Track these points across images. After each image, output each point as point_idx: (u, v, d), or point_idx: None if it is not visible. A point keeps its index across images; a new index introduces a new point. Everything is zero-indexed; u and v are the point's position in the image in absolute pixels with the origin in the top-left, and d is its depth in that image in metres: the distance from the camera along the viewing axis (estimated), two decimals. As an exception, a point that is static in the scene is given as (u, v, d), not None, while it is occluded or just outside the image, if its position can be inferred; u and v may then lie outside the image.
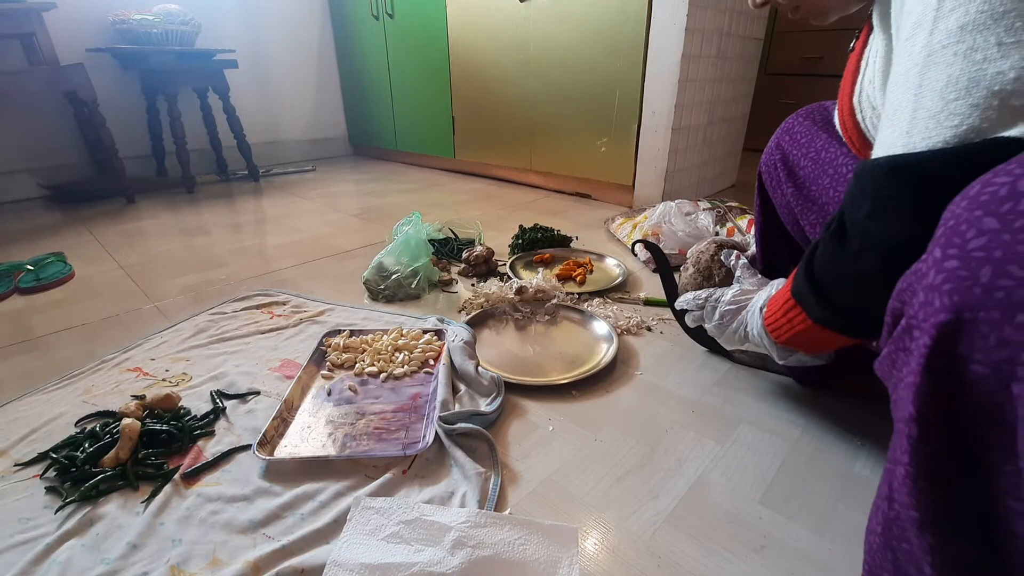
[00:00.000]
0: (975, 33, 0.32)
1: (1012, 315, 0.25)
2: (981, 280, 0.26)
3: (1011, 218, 0.26)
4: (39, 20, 1.79)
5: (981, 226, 0.27)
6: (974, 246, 0.27)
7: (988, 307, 0.26)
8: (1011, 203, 0.26)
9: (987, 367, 0.26)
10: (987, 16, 0.32)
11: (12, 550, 0.52)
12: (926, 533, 0.31)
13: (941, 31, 0.34)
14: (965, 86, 0.33)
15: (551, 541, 0.50)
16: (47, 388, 0.78)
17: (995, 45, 0.32)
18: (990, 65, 0.32)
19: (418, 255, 1.10)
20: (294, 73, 2.70)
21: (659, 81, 1.58)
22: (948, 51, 0.34)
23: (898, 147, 0.37)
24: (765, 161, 0.77)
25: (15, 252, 1.38)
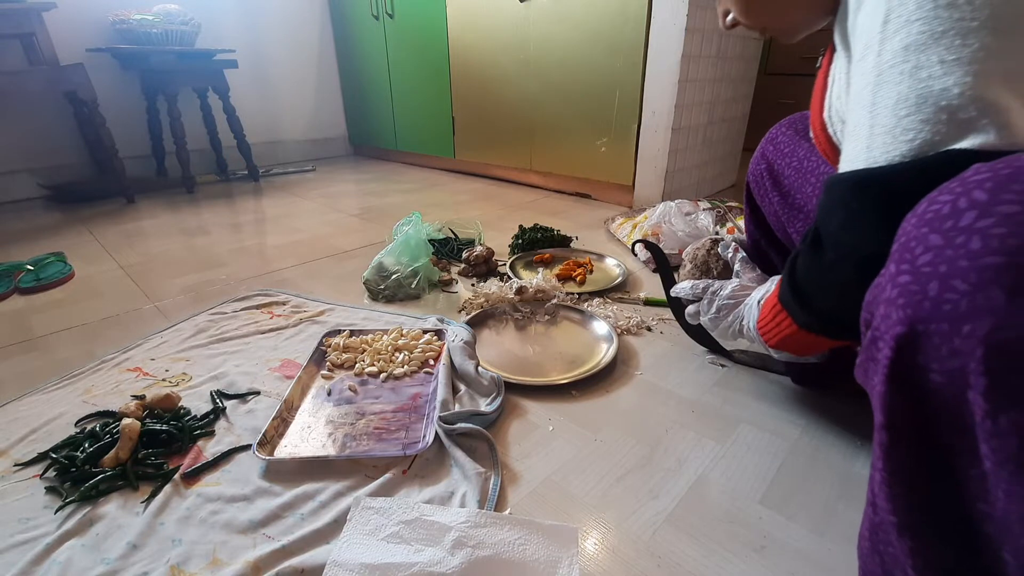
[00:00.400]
0: (918, 52, 0.34)
1: (959, 327, 0.26)
2: (930, 294, 0.28)
3: (953, 235, 0.27)
4: (39, 20, 1.79)
5: (927, 243, 0.28)
6: (922, 262, 0.28)
7: (938, 319, 0.27)
8: (952, 220, 0.28)
9: (943, 376, 0.28)
10: (927, 36, 0.33)
11: (12, 550, 0.52)
12: (905, 537, 0.32)
13: (887, 51, 0.36)
14: (915, 103, 0.34)
15: (551, 541, 0.50)
16: (47, 388, 0.78)
17: (938, 63, 0.33)
18: (935, 82, 0.33)
19: (418, 255, 1.10)
20: (294, 73, 2.70)
21: (659, 81, 1.58)
22: (895, 70, 0.35)
23: (860, 162, 0.38)
24: (752, 171, 0.79)
25: (15, 252, 1.38)
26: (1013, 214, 0.26)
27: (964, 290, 0.26)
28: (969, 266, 0.26)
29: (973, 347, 0.26)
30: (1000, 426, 0.26)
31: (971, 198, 0.27)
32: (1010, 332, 0.25)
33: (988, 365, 0.25)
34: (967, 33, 0.32)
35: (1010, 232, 0.25)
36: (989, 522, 0.28)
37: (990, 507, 0.28)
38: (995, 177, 0.27)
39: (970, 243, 0.27)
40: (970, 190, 0.28)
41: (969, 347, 0.26)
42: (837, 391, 0.75)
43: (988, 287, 0.25)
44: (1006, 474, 0.26)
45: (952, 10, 0.32)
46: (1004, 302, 0.25)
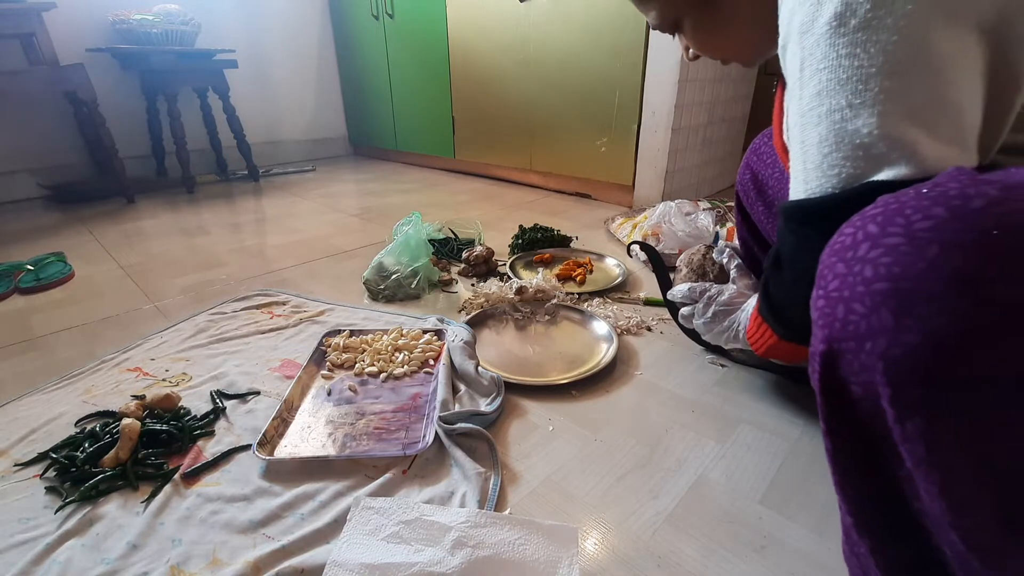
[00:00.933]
0: (829, 97, 0.37)
1: (862, 344, 0.30)
2: (838, 316, 0.31)
3: (852, 263, 0.31)
4: (39, 20, 1.79)
5: (835, 271, 0.32)
6: (832, 287, 0.32)
7: (846, 339, 0.31)
8: (852, 251, 0.31)
9: (860, 387, 0.31)
10: (835, 83, 0.37)
11: (12, 550, 0.52)
12: (863, 537, 0.34)
13: (806, 96, 0.39)
14: (834, 142, 0.38)
15: (551, 541, 0.50)
16: (47, 388, 0.78)
17: (847, 106, 0.36)
18: (848, 123, 0.36)
19: (418, 255, 1.10)
20: (294, 73, 2.70)
21: (659, 81, 1.58)
22: (813, 113, 0.39)
23: (800, 193, 0.42)
24: (739, 180, 0.81)
25: (15, 252, 1.38)
26: (896, 245, 0.29)
27: (863, 312, 0.30)
28: (864, 291, 0.30)
29: (875, 362, 0.29)
30: (908, 432, 0.29)
31: (866, 231, 0.31)
32: (899, 348, 0.28)
33: (888, 377, 0.28)
34: (867, 79, 0.35)
35: (894, 261, 0.29)
36: (925, 518, 0.31)
37: (921, 504, 0.31)
38: (884, 212, 0.31)
39: (864, 271, 0.30)
40: (866, 224, 0.31)
41: (872, 362, 0.29)
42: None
43: (879, 309, 0.29)
44: (922, 475, 0.29)
45: (852, 59, 0.35)
46: (892, 323, 0.28)
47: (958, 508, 0.29)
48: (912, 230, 0.29)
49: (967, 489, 0.28)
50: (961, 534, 0.29)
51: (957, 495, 0.28)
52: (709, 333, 0.71)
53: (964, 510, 0.29)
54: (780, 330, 0.53)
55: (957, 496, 0.28)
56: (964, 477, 0.28)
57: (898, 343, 0.28)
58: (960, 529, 0.29)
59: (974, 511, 0.29)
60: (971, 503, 0.28)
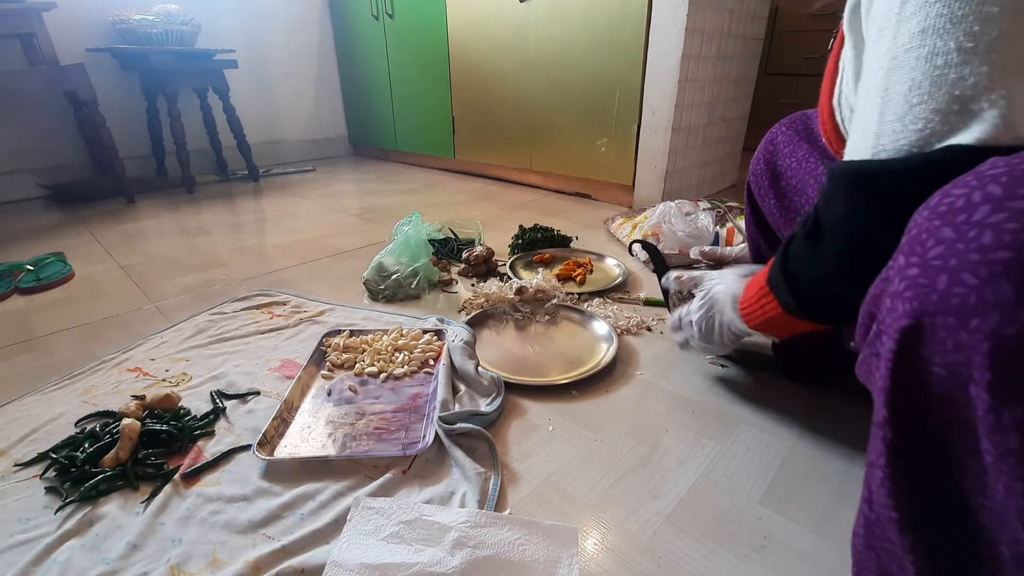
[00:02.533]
0: (935, 37, 0.33)
1: (966, 321, 0.26)
2: (938, 287, 0.27)
3: (965, 228, 0.27)
4: (39, 20, 1.79)
5: (939, 235, 0.28)
6: (932, 255, 0.28)
7: (945, 313, 0.27)
8: (966, 214, 0.27)
9: (945, 369, 0.27)
10: (946, 20, 0.32)
11: (12, 550, 0.52)
12: (906, 533, 0.31)
13: (904, 34, 0.35)
14: (928, 90, 0.33)
15: (551, 541, 0.50)
16: (47, 388, 0.78)
17: (955, 50, 0.32)
18: (951, 70, 0.32)
19: (418, 255, 1.10)
20: (294, 73, 2.70)
21: (659, 81, 1.58)
22: (911, 55, 0.34)
23: (868, 149, 0.37)
24: (752, 171, 0.79)
25: (15, 252, 1.38)
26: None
27: (974, 284, 0.26)
28: (980, 260, 0.26)
29: (979, 342, 0.25)
30: (1003, 421, 0.26)
31: (985, 192, 0.27)
32: (1014, 328, 0.24)
33: (993, 360, 0.25)
34: (987, 19, 0.31)
35: (1022, 227, 0.25)
36: (988, 516, 0.29)
37: (989, 501, 0.28)
38: (1011, 172, 0.27)
39: (982, 237, 0.26)
40: (985, 184, 0.27)
41: (975, 342, 0.26)
42: (836, 389, 0.75)
43: (997, 281, 0.25)
44: (1007, 468, 0.26)
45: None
46: (1013, 297, 0.24)
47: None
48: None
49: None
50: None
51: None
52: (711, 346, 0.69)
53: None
54: (789, 302, 0.50)
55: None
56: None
57: (1013, 320, 0.24)
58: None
59: None
60: None
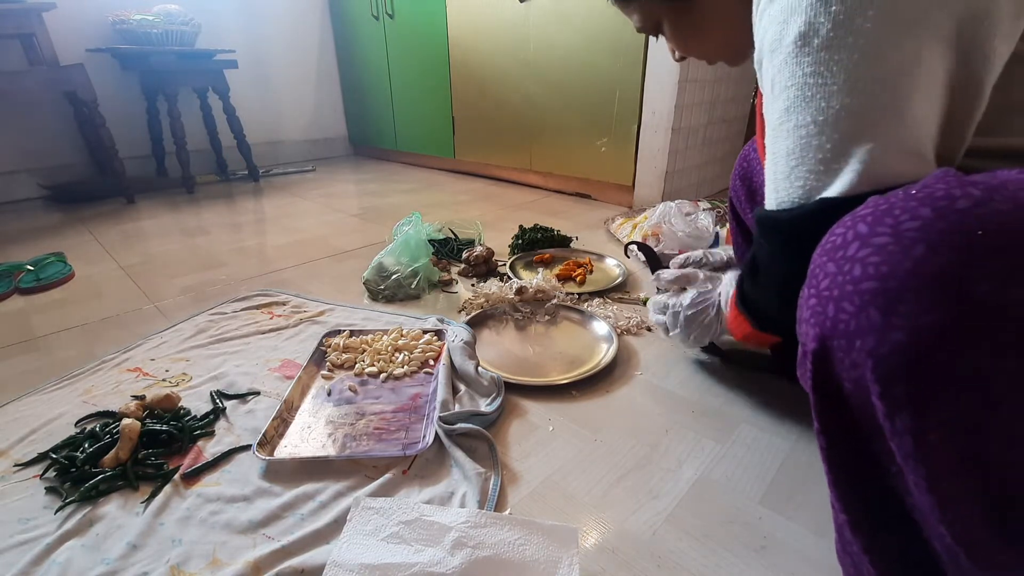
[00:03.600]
0: (796, 113, 0.39)
1: (853, 342, 0.30)
2: (829, 314, 0.32)
3: (842, 263, 0.31)
4: (39, 20, 1.79)
5: (826, 270, 0.33)
6: (823, 286, 0.33)
7: (837, 336, 0.31)
8: (842, 251, 0.32)
9: (851, 383, 0.31)
10: (800, 100, 0.38)
11: (12, 550, 0.52)
12: (857, 535, 0.35)
13: (776, 111, 0.41)
14: (799, 155, 0.39)
15: (551, 541, 0.50)
16: (47, 388, 0.78)
17: (812, 123, 0.38)
18: (812, 139, 0.38)
19: (418, 255, 1.10)
20: (294, 73, 2.70)
21: (659, 81, 1.58)
22: (783, 128, 0.40)
23: (772, 203, 0.43)
24: (732, 187, 0.83)
25: (15, 252, 1.38)
26: (884, 244, 0.29)
27: (852, 311, 0.30)
28: (853, 290, 0.30)
29: (864, 359, 0.30)
30: (897, 427, 0.29)
31: (856, 231, 0.31)
32: (887, 346, 0.28)
33: (877, 374, 0.29)
34: (830, 96, 0.37)
35: (882, 260, 0.29)
36: (917, 513, 0.32)
37: (911, 498, 0.31)
38: (875, 212, 0.31)
39: (854, 270, 0.30)
40: (856, 223, 0.32)
41: (862, 359, 0.30)
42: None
43: (868, 308, 0.29)
44: (910, 469, 0.30)
45: (816, 77, 0.37)
46: (880, 321, 0.29)
47: (945, 502, 0.29)
48: (900, 230, 0.29)
49: (954, 483, 0.29)
50: (948, 528, 0.30)
51: (944, 489, 0.29)
52: (689, 339, 0.73)
53: (951, 504, 0.29)
54: (755, 323, 0.56)
55: (944, 490, 0.29)
56: (951, 471, 0.29)
57: (885, 341, 0.29)
58: (947, 523, 0.30)
59: (961, 505, 0.29)
60: (958, 497, 0.29)
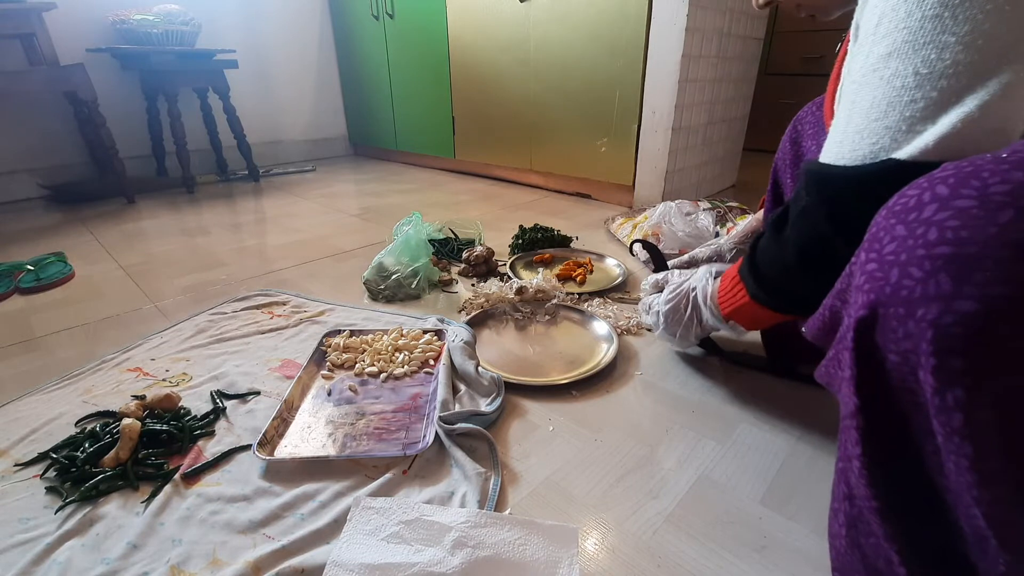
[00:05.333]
0: (898, 61, 0.36)
1: (913, 311, 0.28)
2: (891, 280, 0.30)
3: (915, 226, 0.29)
4: (39, 20, 1.79)
5: (894, 233, 0.31)
6: (887, 251, 0.31)
7: (896, 303, 0.29)
8: (916, 212, 0.30)
9: (899, 356, 0.30)
10: (909, 46, 0.35)
11: (12, 550, 0.52)
12: (888, 521, 0.33)
13: (874, 55, 0.38)
14: (885, 109, 0.37)
15: (551, 541, 0.50)
16: (47, 388, 0.78)
17: (912, 74, 0.35)
18: (906, 93, 0.35)
19: (418, 255, 1.10)
20: (294, 73, 2.70)
21: (659, 81, 1.58)
22: (876, 75, 0.37)
23: (831, 155, 0.41)
24: (781, 147, 0.80)
25: (15, 252, 1.38)
26: (967, 208, 0.27)
27: (919, 277, 0.28)
28: (925, 255, 0.28)
29: (924, 330, 0.28)
30: (947, 402, 0.28)
31: (934, 192, 0.29)
32: (951, 316, 0.27)
33: (936, 347, 0.27)
34: (943, 48, 0.33)
35: (962, 224, 0.27)
36: (949, 496, 0.30)
37: (946, 479, 0.30)
38: (957, 174, 0.29)
39: (928, 234, 0.28)
40: (935, 185, 0.30)
41: (920, 330, 0.28)
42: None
43: (939, 275, 0.27)
44: (953, 447, 0.28)
45: (936, 22, 0.33)
46: (950, 290, 0.27)
47: (985, 482, 0.28)
48: (987, 193, 0.27)
49: (997, 464, 0.28)
50: (984, 508, 0.29)
51: (986, 469, 0.28)
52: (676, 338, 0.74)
53: (991, 484, 0.28)
54: (753, 290, 0.54)
55: (986, 470, 0.28)
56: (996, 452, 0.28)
57: (951, 310, 0.27)
58: (984, 503, 0.28)
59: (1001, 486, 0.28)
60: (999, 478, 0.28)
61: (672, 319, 0.72)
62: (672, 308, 0.72)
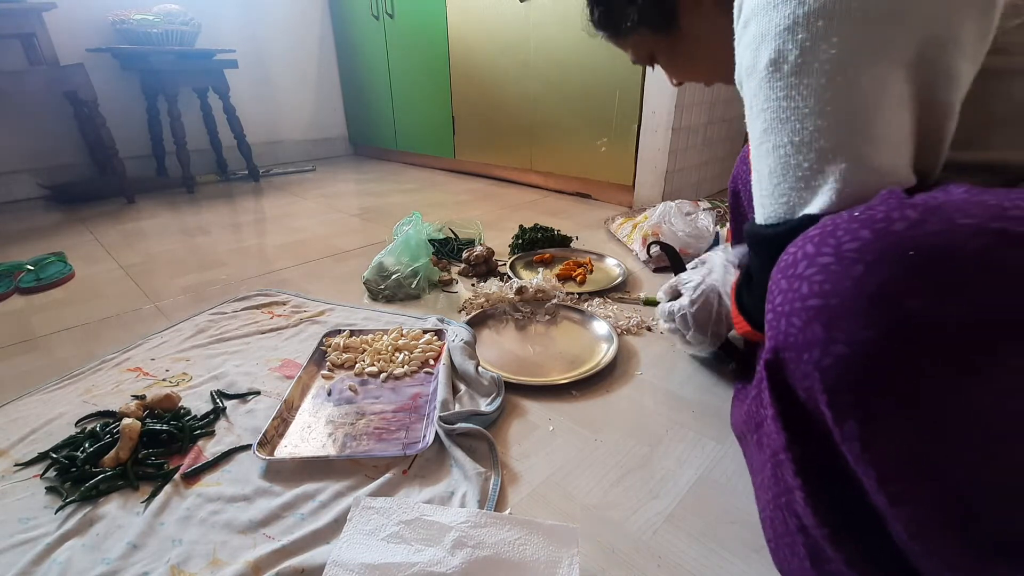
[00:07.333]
0: (773, 135, 0.40)
1: (801, 355, 0.32)
2: (781, 328, 0.34)
3: (792, 280, 0.34)
4: (39, 20, 1.79)
5: (780, 286, 0.35)
6: (777, 302, 0.35)
7: (788, 349, 0.34)
8: (792, 269, 0.34)
9: (804, 393, 0.34)
10: (778, 122, 0.40)
11: (12, 550, 0.52)
12: (840, 547, 0.35)
13: (755, 132, 0.42)
14: (780, 174, 0.41)
15: (551, 541, 0.50)
16: (47, 388, 0.78)
17: (789, 143, 0.39)
18: (791, 158, 0.39)
19: (418, 255, 1.10)
20: (294, 73, 2.70)
21: (659, 81, 1.58)
22: (763, 148, 0.42)
23: (760, 218, 0.45)
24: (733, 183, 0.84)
25: (15, 252, 1.38)
26: (827, 264, 0.32)
27: (799, 326, 0.32)
28: (801, 307, 0.32)
29: (812, 371, 0.32)
30: (845, 432, 0.31)
31: (804, 251, 0.34)
32: (829, 359, 0.31)
33: (824, 385, 0.31)
34: (803, 118, 0.38)
35: (825, 279, 0.31)
36: (878, 511, 0.33)
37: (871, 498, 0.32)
38: (821, 232, 0.33)
39: (802, 287, 0.33)
40: (805, 244, 0.34)
41: (809, 370, 0.32)
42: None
43: (812, 324, 0.32)
44: (861, 471, 0.31)
45: (788, 101, 0.38)
46: (823, 335, 0.31)
47: (894, 501, 0.31)
48: (841, 250, 0.31)
49: (900, 485, 0.31)
50: (904, 526, 0.31)
51: (893, 491, 0.31)
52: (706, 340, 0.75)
53: (900, 503, 0.31)
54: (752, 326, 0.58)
55: (893, 491, 0.31)
56: (896, 474, 0.30)
57: (828, 354, 0.31)
58: (902, 522, 0.31)
59: (908, 505, 0.31)
60: (904, 497, 0.31)
61: (701, 318, 0.73)
62: (700, 308, 0.73)
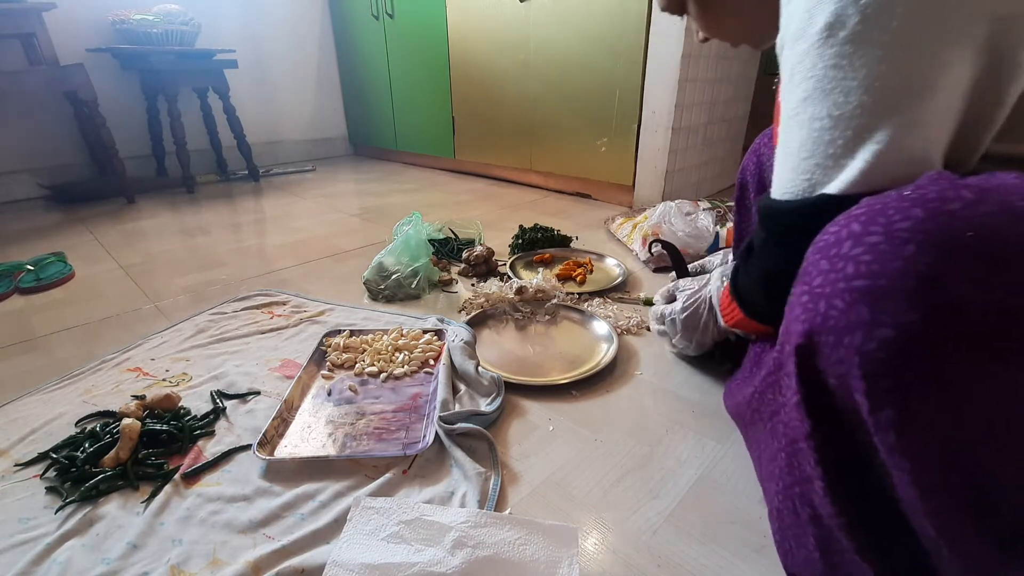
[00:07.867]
0: (812, 105, 0.39)
1: (841, 338, 0.31)
2: (820, 311, 0.33)
3: (835, 261, 0.32)
4: (39, 20, 1.79)
5: (819, 267, 0.33)
6: (815, 284, 0.33)
7: (826, 332, 0.32)
8: (836, 248, 0.33)
9: (836, 379, 0.32)
10: (819, 92, 0.38)
11: (12, 550, 0.52)
12: (857, 535, 0.35)
13: (792, 101, 0.41)
14: (811, 148, 0.40)
15: (551, 541, 0.50)
16: (47, 388, 0.78)
17: (827, 116, 0.38)
18: (825, 133, 0.38)
19: (418, 255, 1.10)
20: (294, 73, 2.70)
21: (659, 81, 1.58)
22: (798, 118, 0.40)
23: (777, 192, 0.44)
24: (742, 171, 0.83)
25: (15, 252, 1.38)
26: (876, 243, 0.30)
27: (842, 308, 0.31)
28: (845, 288, 0.31)
29: (851, 355, 0.31)
30: (880, 421, 0.30)
31: (850, 229, 0.32)
32: (873, 343, 0.29)
33: (863, 370, 0.30)
34: (848, 92, 0.37)
35: (873, 259, 0.30)
36: (902, 504, 0.32)
37: (897, 492, 0.32)
38: (868, 211, 0.32)
39: (847, 268, 0.31)
40: (850, 222, 0.33)
41: (849, 355, 0.31)
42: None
43: (857, 306, 0.30)
44: (894, 462, 0.31)
45: (837, 71, 0.37)
46: (868, 318, 0.30)
47: (926, 494, 0.30)
48: (891, 229, 0.30)
49: (934, 476, 0.30)
50: (931, 519, 0.30)
51: (925, 482, 0.30)
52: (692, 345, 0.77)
53: (932, 495, 0.30)
54: (744, 310, 0.58)
55: (925, 482, 0.30)
56: (931, 465, 0.30)
57: (872, 337, 0.29)
58: (930, 515, 0.30)
59: (940, 497, 0.30)
60: (938, 489, 0.30)
61: (690, 325, 0.74)
62: (690, 315, 0.74)
